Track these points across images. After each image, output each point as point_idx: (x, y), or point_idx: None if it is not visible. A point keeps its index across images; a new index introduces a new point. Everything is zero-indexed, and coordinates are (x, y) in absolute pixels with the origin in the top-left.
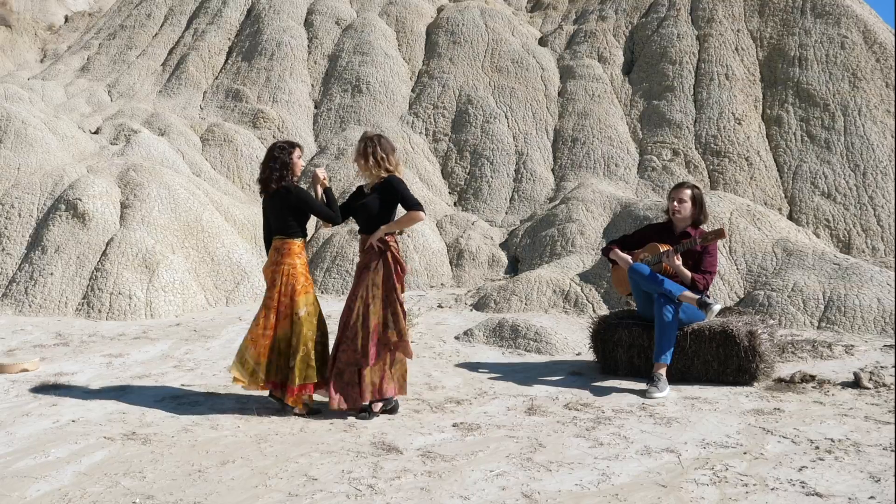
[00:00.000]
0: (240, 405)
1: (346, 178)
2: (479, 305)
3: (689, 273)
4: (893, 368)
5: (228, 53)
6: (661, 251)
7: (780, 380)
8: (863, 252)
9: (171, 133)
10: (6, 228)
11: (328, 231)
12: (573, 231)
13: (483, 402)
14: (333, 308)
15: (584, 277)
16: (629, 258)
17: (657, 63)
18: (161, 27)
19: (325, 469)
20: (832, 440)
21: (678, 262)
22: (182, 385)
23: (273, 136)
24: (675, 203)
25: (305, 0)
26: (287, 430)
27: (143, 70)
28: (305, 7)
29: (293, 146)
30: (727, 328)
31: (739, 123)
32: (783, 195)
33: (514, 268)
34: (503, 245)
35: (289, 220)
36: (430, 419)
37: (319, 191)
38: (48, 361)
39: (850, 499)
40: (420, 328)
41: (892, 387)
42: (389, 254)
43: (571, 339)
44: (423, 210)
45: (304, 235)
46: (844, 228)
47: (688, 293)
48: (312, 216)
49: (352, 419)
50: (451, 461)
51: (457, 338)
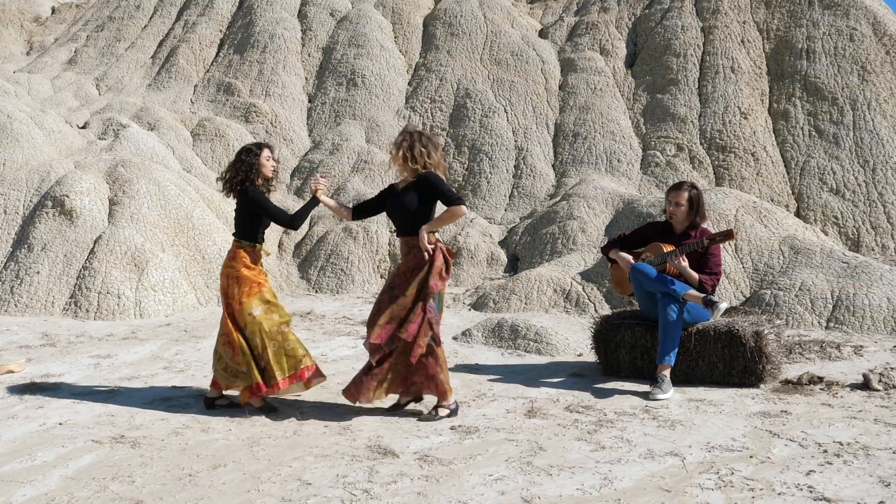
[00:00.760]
0: (231, 407)
1: (342, 175)
2: (478, 305)
3: (696, 275)
4: None
5: (220, 46)
6: (666, 251)
7: (788, 381)
8: (872, 250)
9: (161, 127)
10: None
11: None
12: (574, 228)
13: (482, 405)
14: (329, 308)
15: (586, 276)
16: (630, 258)
17: (661, 56)
18: (150, 19)
19: (320, 473)
20: (841, 443)
21: (685, 264)
22: (172, 387)
23: (266, 131)
24: (672, 207)
25: None
26: (280, 434)
27: (132, 63)
28: None
29: (261, 147)
30: (733, 328)
31: (745, 118)
32: (790, 191)
33: (514, 266)
34: (502, 243)
35: (243, 223)
36: (427, 422)
37: (321, 197)
38: (34, 362)
39: None
40: None
41: None
42: (439, 256)
43: (573, 340)
44: (465, 203)
45: (256, 240)
46: (853, 226)
47: (693, 291)
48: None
49: (346, 422)
50: (449, 465)
51: (455, 338)
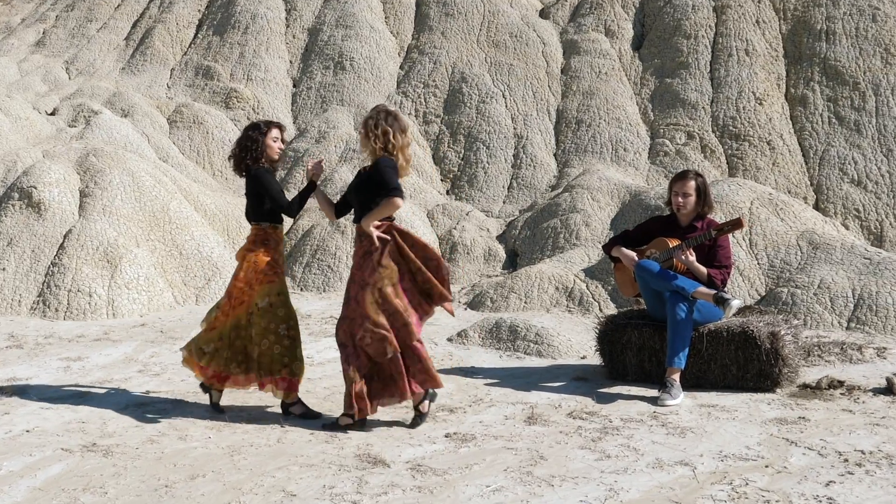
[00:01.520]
0: (210, 414)
1: (328, 165)
2: (474, 304)
3: (705, 269)
4: None
5: (198, 27)
6: (671, 246)
7: (806, 386)
8: None
9: (136, 114)
10: None
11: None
12: (577, 222)
13: (478, 411)
14: (315, 307)
15: (590, 273)
16: (634, 255)
17: (670, 37)
18: None
19: (305, 484)
20: (862, 452)
21: (692, 258)
22: (147, 391)
23: (247, 118)
24: (680, 198)
25: None
26: (263, 442)
27: (105, 45)
28: None
29: (270, 126)
30: (747, 329)
31: (760, 104)
32: (809, 182)
33: (513, 262)
34: (500, 238)
35: (254, 206)
36: (420, 429)
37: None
38: None
39: None
40: None
41: None
42: (388, 247)
43: (576, 341)
44: (402, 196)
45: (275, 220)
46: (876, 219)
47: (703, 289)
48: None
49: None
50: (444, 475)
51: (449, 339)
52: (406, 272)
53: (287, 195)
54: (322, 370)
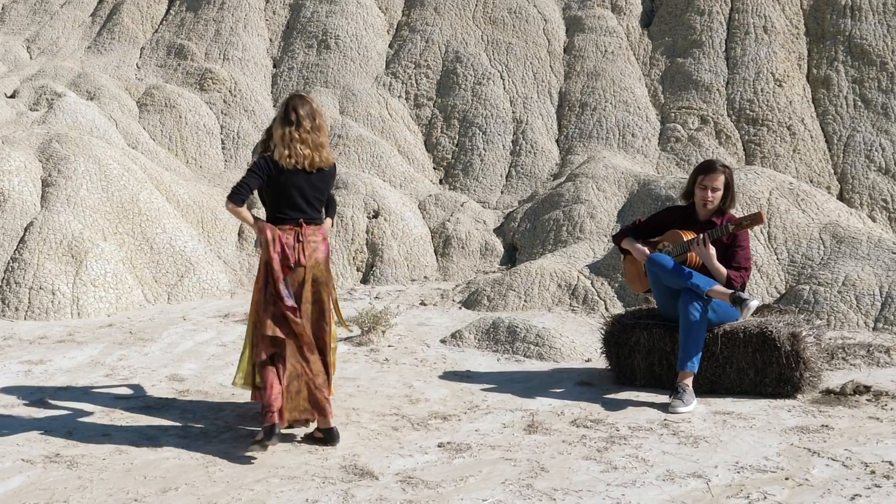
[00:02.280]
0: (184, 421)
1: None
2: (470, 303)
3: (724, 270)
4: None
5: (170, 2)
6: (686, 240)
7: (829, 391)
8: None
9: (103, 97)
10: None
11: None
12: (582, 214)
13: (474, 418)
14: None
15: (595, 269)
16: (646, 249)
17: (682, 13)
18: None
19: (286, 498)
20: (891, 463)
21: (712, 253)
22: (115, 397)
23: (224, 101)
24: (709, 193)
25: None
26: (240, 452)
27: (69, 22)
28: None
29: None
30: (766, 330)
31: (780, 85)
32: (832, 171)
33: (512, 258)
34: (498, 230)
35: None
36: (411, 438)
37: None
38: None
39: None
40: (399, 330)
41: None
42: (264, 252)
43: (580, 343)
44: (229, 198)
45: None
46: None
47: (719, 287)
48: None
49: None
50: (436, 488)
51: (443, 341)
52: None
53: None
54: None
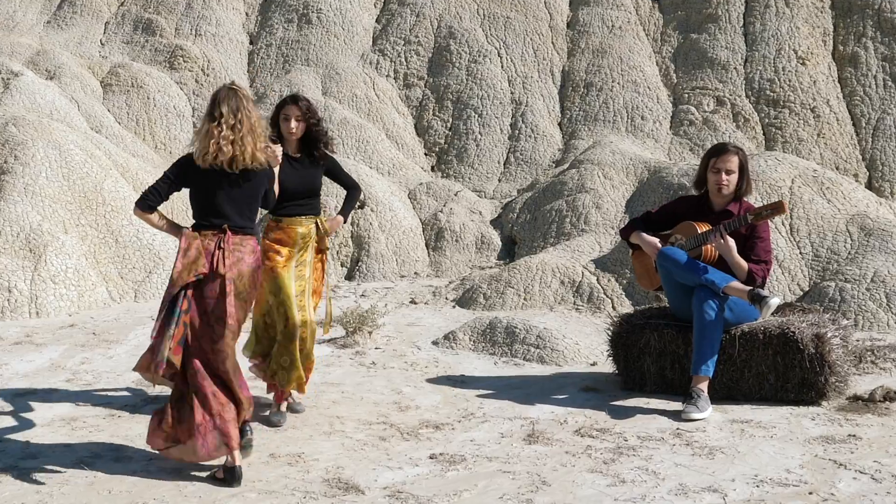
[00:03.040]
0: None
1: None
2: (465, 301)
3: (745, 263)
4: None
5: None
6: (701, 231)
7: (857, 397)
8: None
9: (63, 76)
10: None
11: None
12: (587, 204)
13: (469, 427)
14: None
15: (601, 264)
16: (657, 241)
17: None
18: None
19: None
20: None
21: (732, 245)
22: (77, 404)
23: (196, 81)
24: (723, 175)
25: None
26: (214, 464)
27: None
28: None
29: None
30: (787, 330)
31: (803, 64)
32: (860, 157)
33: (510, 252)
34: (495, 222)
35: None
36: (401, 449)
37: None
38: None
39: None
40: (387, 331)
41: None
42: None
43: (584, 345)
44: (136, 203)
45: (273, 212)
46: None
47: (736, 284)
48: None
49: (297, 449)
50: None
51: (435, 343)
52: None
53: None
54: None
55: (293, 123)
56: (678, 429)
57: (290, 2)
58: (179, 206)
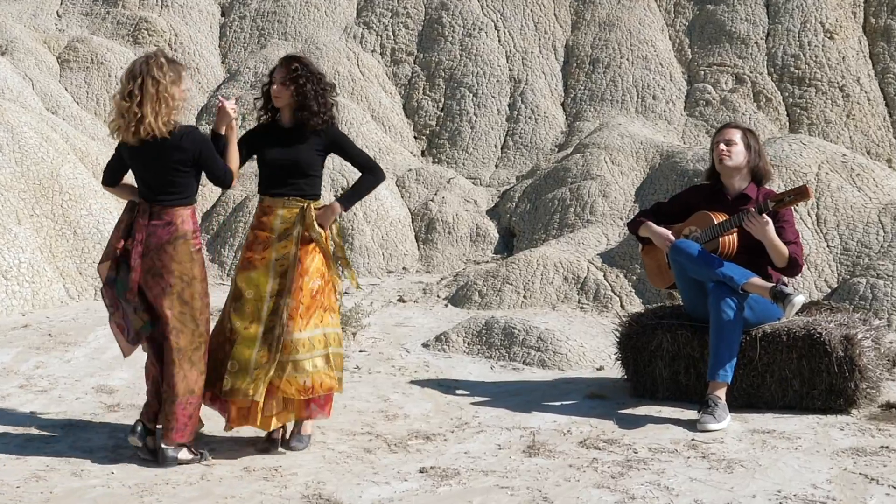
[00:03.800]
0: (114, 442)
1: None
2: (458, 299)
3: (784, 248)
4: None
5: None
6: (717, 222)
7: (890, 405)
8: None
9: (16, 51)
10: None
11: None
12: (592, 192)
13: (463, 438)
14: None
15: (609, 259)
16: (669, 234)
17: None
18: None
19: None
20: None
21: (769, 223)
22: (32, 412)
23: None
24: (722, 146)
25: None
26: (182, 479)
27: None
28: None
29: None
30: (813, 331)
31: (831, 38)
32: (893, 140)
33: (508, 245)
34: (492, 212)
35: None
36: (388, 462)
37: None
38: None
39: None
40: (373, 332)
41: None
42: None
43: (590, 348)
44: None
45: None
46: None
47: (756, 280)
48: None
49: (274, 462)
50: None
51: (425, 345)
52: None
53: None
54: None
55: (275, 87)
56: (693, 440)
57: None
58: None
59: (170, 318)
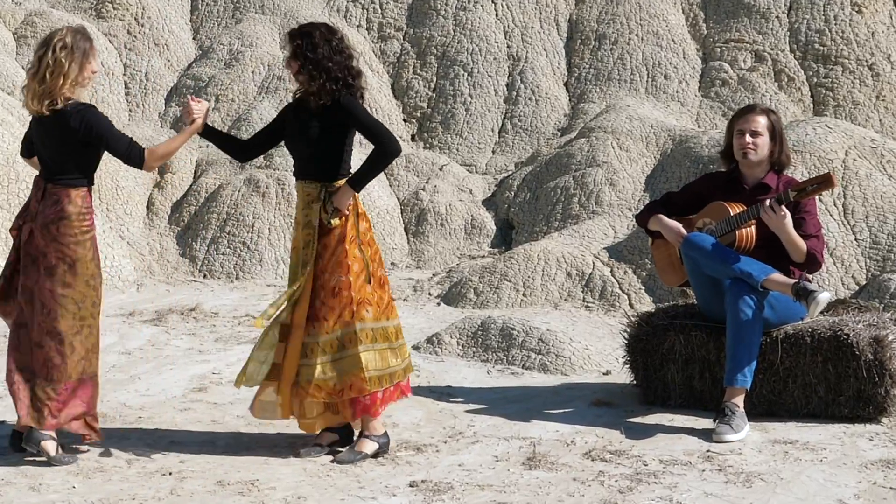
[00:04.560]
0: (75, 453)
1: (244, 97)
2: (452, 297)
3: (803, 243)
4: None
5: None
6: (734, 213)
7: None
8: None
9: None
10: None
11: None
12: (598, 180)
13: (457, 449)
14: (224, 301)
15: (616, 253)
16: (681, 227)
17: None
18: None
19: None
20: None
21: (787, 217)
22: None
23: (128, 32)
24: (747, 137)
25: None
26: (150, 493)
27: None
28: None
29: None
30: (840, 332)
31: (859, 12)
32: None
33: (507, 238)
34: (489, 202)
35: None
36: (374, 475)
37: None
38: None
39: None
40: None
41: None
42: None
43: (595, 351)
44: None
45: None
46: None
47: (777, 276)
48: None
49: (250, 476)
50: None
51: (416, 347)
52: None
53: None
54: (235, 393)
55: (288, 63)
56: (708, 451)
57: None
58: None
59: (48, 300)
